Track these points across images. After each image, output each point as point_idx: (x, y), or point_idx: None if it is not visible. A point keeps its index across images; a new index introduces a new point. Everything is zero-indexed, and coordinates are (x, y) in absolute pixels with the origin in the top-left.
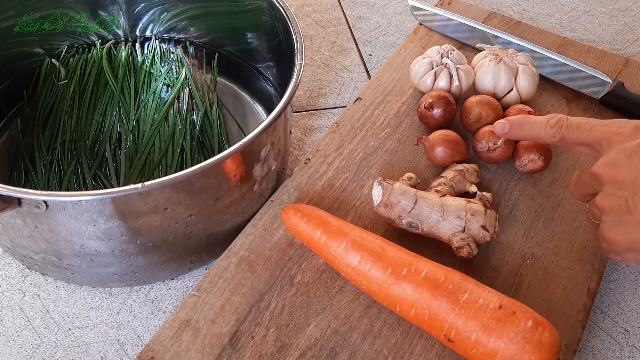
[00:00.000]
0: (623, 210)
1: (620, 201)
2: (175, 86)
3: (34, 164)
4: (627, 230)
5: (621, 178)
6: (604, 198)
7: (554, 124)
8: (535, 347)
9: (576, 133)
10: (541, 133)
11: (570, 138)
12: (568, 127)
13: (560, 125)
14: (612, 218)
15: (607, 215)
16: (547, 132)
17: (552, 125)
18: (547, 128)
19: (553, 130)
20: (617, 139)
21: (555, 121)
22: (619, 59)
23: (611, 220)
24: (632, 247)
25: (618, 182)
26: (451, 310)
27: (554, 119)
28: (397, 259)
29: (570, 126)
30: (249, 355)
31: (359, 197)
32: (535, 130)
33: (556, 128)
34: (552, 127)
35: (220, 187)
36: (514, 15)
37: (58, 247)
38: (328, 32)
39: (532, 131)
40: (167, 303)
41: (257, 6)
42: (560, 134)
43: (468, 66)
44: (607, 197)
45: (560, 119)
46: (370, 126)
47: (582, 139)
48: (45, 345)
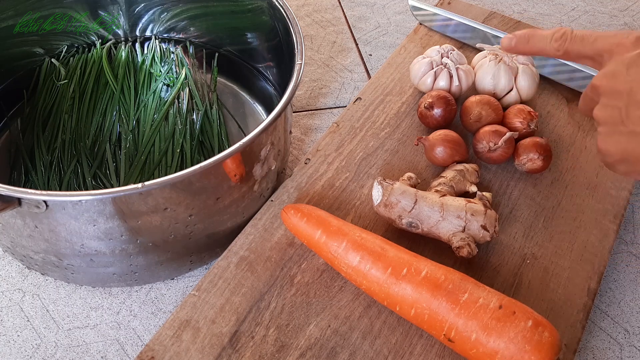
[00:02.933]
0: (616, 121)
1: (614, 111)
2: (175, 86)
3: (34, 164)
4: (619, 141)
5: (617, 88)
6: (599, 109)
7: (558, 37)
8: (535, 347)
9: (579, 45)
10: (546, 47)
11: (573, 51)
12: (572, 40)
13: (564, 38)
14: (606, 129)
15: (602, 127)
16: (552, 45)
17: (557, 39)
18: (551, 42)
19: (557, 43)
20: (618, 50)
21: (560, 34)
22: None
23: (605, 131)
24: (624, 157)
25: (614, 93)
26: (451, 310)
27: (559, 32)
28: (397, 259)
29: (574, 39)
30: (249, 355)
31: (359, 197)
32: (541, 44)
33: (560, 41)
34: (557, 41)
35: (220, 187)
36: (514, 15)
37: (58, 247)
38: (328, 32)
39: (537, 45)
40: (167, 303)
41: (257, 6)
42: (564, 47)
43: (468, 66)
44: (603, 107)
45: (565, 32)
46: (370, 126)
47: (585, 52)
48: (45, 345)
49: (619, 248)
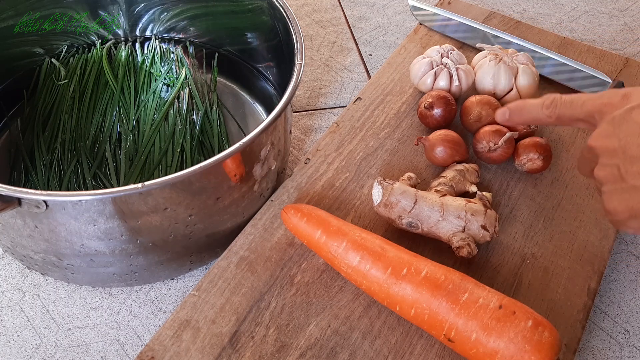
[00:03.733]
0: (617, 179)
1: (613, 170)
2: (175, 86)
3: (34, 164)
4: (624, 198)
5: (612, 147)
6: (599, 169)
7: (548, 104)
8: (535, 347)
9: (570, 110)
10: (538, 115)
11: (565, 116)
12: (562, 106)
13: (554, 105)
14: (609, 188)
15: (604, 186)
16: (544, 113)
17: (547, 106)
18: (542, 109)
19: (548, 111)
20: (607, 109)
21: (549, 102)
22: (619, 59)
23: (608, 190)
24: (632, 214)
25: (610, 151)
26: (451, 310)
27: (548, 99)
28: (397, 259)
29: (564, 104)
30: (249, 355)
31: (359, 197)
32: (533, 113)
33: (551, 108)
34: (547, 108)
35: (220, 187)
36: (514, 15)
37: (58, 247)
38: (328, 32)
39: (530, 114)
40: (167, 303)
41: (257, 6)
42: (555, 114)
43: (468, 66)
44: (602, 167)
45: (554, 98)
46: (370, 126)
47: (576, 115)
48: (45, 345)
49: (619, 248)
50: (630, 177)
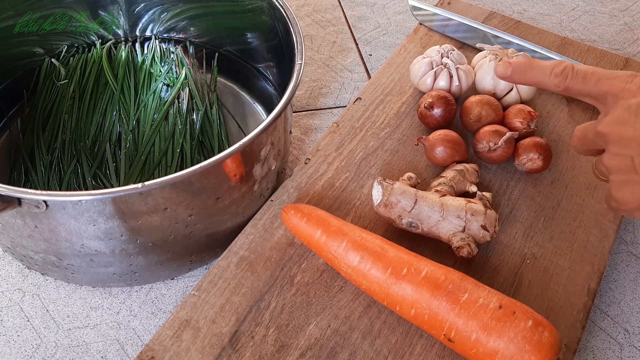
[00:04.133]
0: (630, 170)
1: (626, 160)
2: (175, 86)
3: (34, 164)
4: (635, 190)
5: (627, 136)
6: (610, 157)
7: (558, 72)
8: (535, 347)
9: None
10: (545, 81)
11: (575, 89)
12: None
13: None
14: (619, 178)
15: (614, 175)
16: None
17: (557, 74)
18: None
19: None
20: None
21: (560, 69)
22: (619, 59)
23: (618, 180)
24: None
25: (624, 141)
26: (451, 310)
27: (560, 66)
28: (397, 259)
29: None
30: (249, 355)
31: (359, 197)
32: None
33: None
34: (557, 76)
35: (220, 187)
36: (514, 15)
37: (58, 247)
38: (328, 32)
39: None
40: (167, 303)
41: (257, 6)
42: (565, 84)
43: (468, 66)
44: (613, 156)
45: (566, 67)
46: (370, 126)
47: (587, 91)
48: (45, 345)
49: (619, 248)
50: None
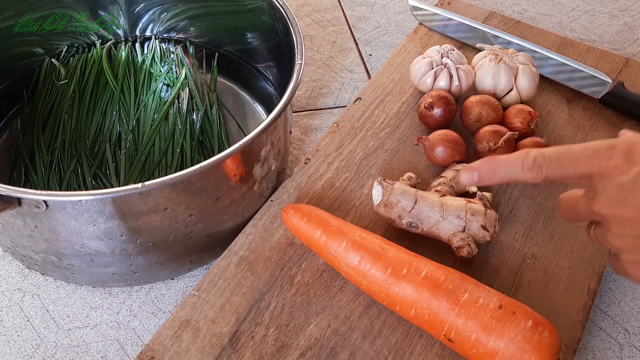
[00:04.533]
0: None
1: (634, 240)
2: (175, 86)
3: (34, 164)
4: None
5: (627, 217)
6: (616, 238)
7: (530, 165)
8: (535, 346)
9: (560, 171)
10: (518, 176)
11: (554, 176)
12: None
13: (538, 166)
14: (632, 257)
15: (625, 255)
16: (527, 175)
17: (530, 168)
18: (524, 171)
19: (533, 173)
20: (610, 172)
21: (531, 163)
22: (619, 59)
23: (632, 259)
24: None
25: (626, 222)
26: (451, 310)
27: (529, 159)
28: (397, 259)
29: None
30: (249, 355)
31: (359, 197)
32: (511, 175)
33: (536, 170)
34: (531, 170)
35: (220, 187)
36: (514, 15)
37: (58, 247)
38: (328, 32)
39: (507, 176)
40: (167, 303)
41: (257, 6)
42: (542, 176)
43: (468, 66)
44: (619, 237)
45: (536, 158)
46: (370, 126)
47: (569, 175)
48: (45, 345)
49: None
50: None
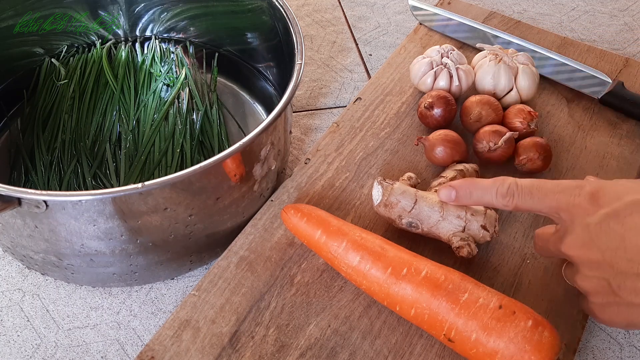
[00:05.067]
0: (608, 292)
1: (602, 282)
2: (175, 86)
3: (34, 164)
4: (620, 312)
5: (595, 259)
6: (583, 280)
7: (504, 193)
8: (535, 346)
9: (530, 202)
10: (492, 201)
11: (524, 206)
12: (520, 196)
13: (511, 194)
14: (599, 300)
15: (593, 297)
16: (499, 201)
17: (503, 195)
18: (497, 197)
19: (505, 200)
20: (576, 211)
21: (505, 190)
22: (619, 59)
23: (600, 302)
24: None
25: (593, 264)
26: (451, 310)
27: (503, 186)
28: (397, 259)
29: (522, 194)
30: (249, 355)
31: (359, 197)
32: (486, 198)
33: (508, 198)
34: (504, 197)
35: (220, 187)
36: (514, 15)
37: (58, 247)
38: (328, 32)
39: (482, 198)
40: (167, 303)
41: (257, 6)
42: (513, 204)
43: (468, 66)
44: (587, 278)
45: (510, 186)
46: (370, 126)
47: (537, 208)
48: (45, 345)
49: None
50: (625, 294)
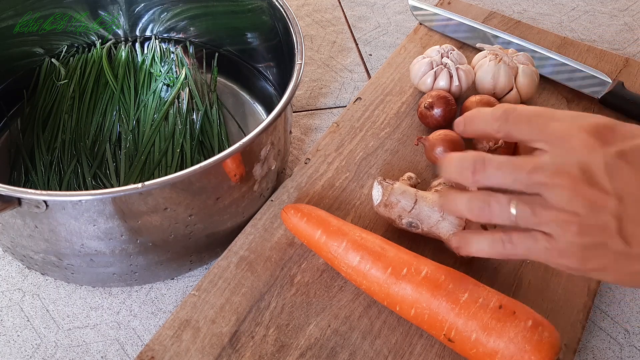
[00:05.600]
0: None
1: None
2: (175, 86)
3: (34, 164)
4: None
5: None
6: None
7: (498, 115)
8: (535, 346)
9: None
10: (486, 128)
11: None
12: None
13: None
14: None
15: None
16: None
17: (496, 118)
18: (491, 122)
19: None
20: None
21: (500, 112)
22: (619, 59)
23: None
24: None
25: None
26: (451, 310)
27: (499, 109)
28: (397, 259)
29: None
30: (249, 355)
31: (359, 197)
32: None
33: (500, 121)
34: (496, 120)
35: (220, 187)
36: (514, 15)
37: (58, 247)
38: (328, 32)
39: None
40: (167, 303)
41: (257, 6)
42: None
43: (468, 66)
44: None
45: (507, 109)
46: (370, 126)
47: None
48: (45, 345)
49: None
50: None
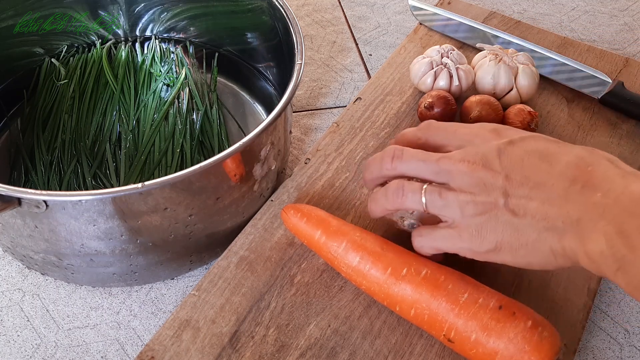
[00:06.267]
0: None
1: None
2: (175, 86)
3: (34, 164)
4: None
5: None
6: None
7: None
8: (535, 347)
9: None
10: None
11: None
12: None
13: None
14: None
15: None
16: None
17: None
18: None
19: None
20: (477, 140)
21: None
22: (619, 59)
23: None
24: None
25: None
26: (451, 310)
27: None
28: (397, 259)
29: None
30: (249, 355)
31: (359, 197)
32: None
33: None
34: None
35: (220, 187)
36: (514, 15)
37: (58, 247)
38: (328, 32)
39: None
40: (167, 303)
41: (257, 6)
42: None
43: (468, 66)
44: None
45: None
46: (370, 126)
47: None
48: (45, 345)
49: None
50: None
